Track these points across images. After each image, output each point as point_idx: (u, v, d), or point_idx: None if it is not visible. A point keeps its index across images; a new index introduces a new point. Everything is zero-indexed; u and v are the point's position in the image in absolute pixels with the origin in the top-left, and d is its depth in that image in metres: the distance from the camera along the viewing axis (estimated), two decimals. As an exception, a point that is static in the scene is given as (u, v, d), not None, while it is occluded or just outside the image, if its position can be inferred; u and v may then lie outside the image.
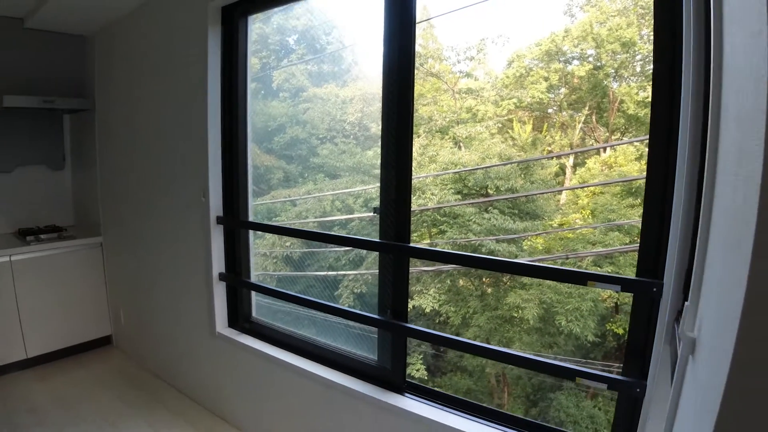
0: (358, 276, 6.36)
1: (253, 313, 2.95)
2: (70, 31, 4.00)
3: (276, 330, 2.76)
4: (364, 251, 5.77)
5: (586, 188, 7.77)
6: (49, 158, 4.29)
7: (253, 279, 2.96)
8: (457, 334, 6.93)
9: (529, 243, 7.44)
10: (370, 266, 6.18)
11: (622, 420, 1.65)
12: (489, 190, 7.42)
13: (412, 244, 2.09)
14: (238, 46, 2.75)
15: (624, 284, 1.55)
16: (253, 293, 2.96)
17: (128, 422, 3.06)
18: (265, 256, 4.41)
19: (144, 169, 3.44)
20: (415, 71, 2.12)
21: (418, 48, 8.30)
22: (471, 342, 2.12)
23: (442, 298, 7.67)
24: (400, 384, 2.19)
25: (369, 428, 2.25)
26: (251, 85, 2.82)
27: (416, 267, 7.34)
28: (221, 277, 2.89)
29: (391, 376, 2.22)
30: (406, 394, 2.16)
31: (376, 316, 2.21)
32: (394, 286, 2.15)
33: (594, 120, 8.16)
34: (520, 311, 6.80)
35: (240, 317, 2.94)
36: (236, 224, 2.85)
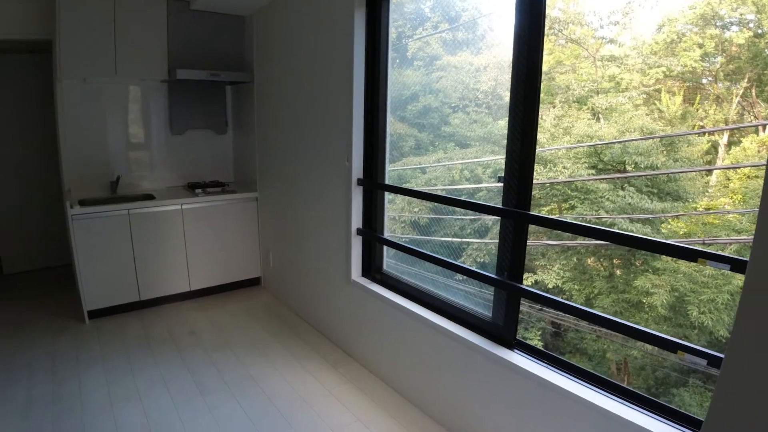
0: (482, 245, 6.44)
1: (384, 266, 3.26)
2: (231, 11, 4.47)
3: (403, 282, 3.05)
4: (490, 222, 5.84)
5: (738, 170, 7.00)
6: (214, 123, 4.93)
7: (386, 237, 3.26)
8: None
9: (668, 226, 6.90)
10: (494, 237, 6.20)
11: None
12: (627, 166, 6.99)
13: (532, 212, 2.19)
14: (380, 23, 2.98)
15: (734, 264, 1.51)
16: (384, 249, 3.26)
17: (272, 348, 3.62)
18: (393, 220, 4.68)
19: (295, 135, 3.86)
20: (554, 37, 2.14)
21: (557, 12, 7.83)
22: (579, 306, 2.11)
23: (566, 275, 7.42)
24: (510, 340, 2.33)
25: (478, 377, 2.43)
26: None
27: (541, 240, 7.22)
28: (358, 232, 3.24)
29: (502, 332, 2.37)
30: (516, 350, 2.30)
31: (493, 276, 2.36)
32: (512, 250, 2.28)
33: (753, 94, 7.24)
34: (648, 297, 6.40)
35: (372, 269, 3.28)
36: (374, 186, 3.15)
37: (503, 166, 2.23)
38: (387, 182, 3.17)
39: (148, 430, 2.69)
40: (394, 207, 5.05)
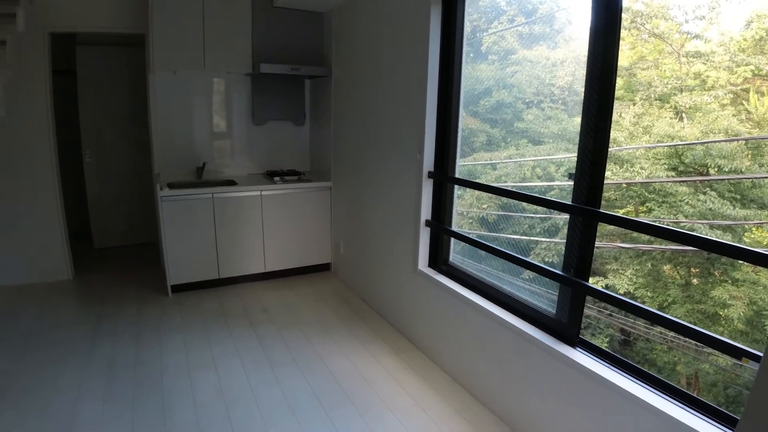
0: (551, 245, 6.32)
1: (450, 258, 3.33)
2: (311, 8, 4.66)
3: (468, 274, 3.11)
4: (560, 222, 5.72)
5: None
6: (292, 115, 5.16)
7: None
8: (651, 324, 6.46)
9: (751, 235, 6.45)
10: (564, 237, 6.02)
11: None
12: (710, 170, 6.60)
13: (602, 210, 2.16)
14: (456, 18, 3.02)
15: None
16: (451, 243, 3.32)
17: (337, 330, 3.79)
18: (461, 215, 4.69)
19: (369, 128, 3.99)
20: (636, 31, 2.09)
21: (639, 6, 7.47)
22: (640, 305, 2.05)
23: (639, 281, 7.14)
24: (573, 338, 2.33)
25: (538, 372, 2.44)
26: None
27: (613, 243, 6.99)
28: (427, 223, 3.32)
29: (565, 329, 2.37)
30: (578, 348, 2.29)
31: (559, 272, 2.37)
32: (579, 248, 2.28)
33: None
34: (725, 309, 6.03)
35: (439, 260, 3.36)
36: (444, 179, 3.22)
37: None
38: (457, 176, 3.22)
39: (221, 394, 2.92)
40: (462, 203, 5.04)
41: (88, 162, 5.52)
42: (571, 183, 2.28)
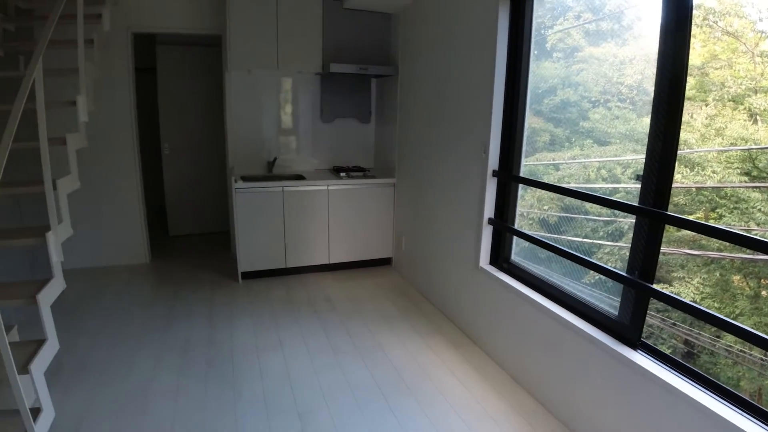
0: (614, 250, 6.18)
1: (511, 257, 3.37)
2: (380, 9, 4.79)
3: (530, 273, 3.13)
4: (626, 226, 5.57)
5: None
6: (359, 113, 5.32)
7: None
8: (716, 336, 6.22)
9: None
10: (629, 241, 5.87)
11: None
12: (787, 175, 6.26)
13: (669, 213, 2.13)
14: (524, 19, 3.05)
15: None
16: (513, 241, 3.36)
17: (398, 322, 3.91)
18: (521, 216, 4.70)
19: (434, 126, 4.08)
20: (708, 29, 2.04)
21: (712, 2, 7.15)
22: (712, 313, 1.97)
23: (705, 291, 6.87)
24: (634, 340, 2.30)
25: (597, 373, 2.44)
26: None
27: (680, 248, 6.75)
28: (489, 221, 3.38)
29: (627, 331, 2.35)
30: (639, 351, 2.27)
31: (623, 273, 2.37)
32: (645, 250, 2.26)
33: None
34: None
35: (500, 258, 3.41)
36: (509, 178, 3.26)
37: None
38: (521, 175, 3.25)
39: (287, 375, 3.11)
40: (522, 203, 5.00)
41: (167, 154, 5.90)
42: (638, 185, 2.27)
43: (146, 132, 5.50)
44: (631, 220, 2.54)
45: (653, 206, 2.19)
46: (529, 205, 5.50)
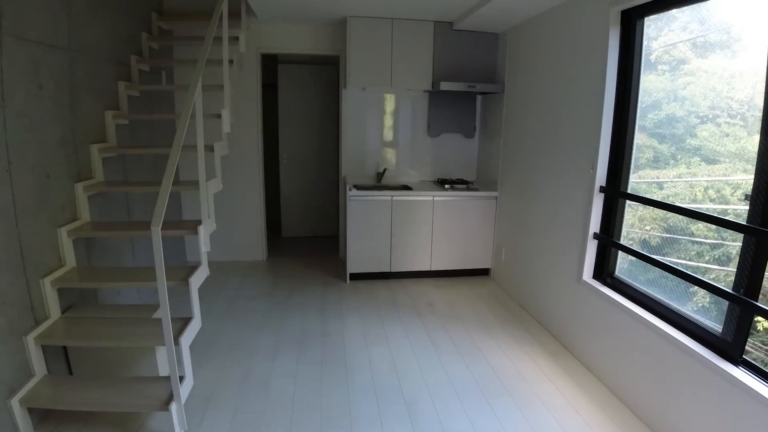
0: (720, 275, 5.89)
1: (616, 272, 3.42)
2: (488, 30, 5.00)
3: (635, 289, 3.16)
4: (734, 251, 5.30)
5: None
6: (464, 128, 5.56)
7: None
8: None
9: None
10: (735, 267, 5.57)
11: None
12: None
13: None
14: (635, 40, 3.13)
15: None
16: (619, 255, 3.40)
17: (496, 329, 4.08)
18: (623, 236, 4.65)
19: (538, 143, 4.22)
20: None
21: None
22: None
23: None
24: (736, 356, 2.32)
25: (696, 387, 2.46)
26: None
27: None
28: (595, 236, 3.46)
29: (730, 347, 2.36)
30: (741, 367, 2.28)
31: (728, 290, 2.41)
32: (751, 269, 2.30)
33: None
34: None
35: (604, 272, 3.47)
36: (616, 194, 3.32)
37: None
38: (629, 191, 3.30)
39: (394, 368, 3.40)
40: (623, 222, 4.94)
41: (284, 163, 6.48)
42: (746, 207, 2.31)
43: (266, 142, 6.09)
44: (738, 243, 2.56)
45: (761, 225, 2.24)
46: (629, 225, 5.39)
